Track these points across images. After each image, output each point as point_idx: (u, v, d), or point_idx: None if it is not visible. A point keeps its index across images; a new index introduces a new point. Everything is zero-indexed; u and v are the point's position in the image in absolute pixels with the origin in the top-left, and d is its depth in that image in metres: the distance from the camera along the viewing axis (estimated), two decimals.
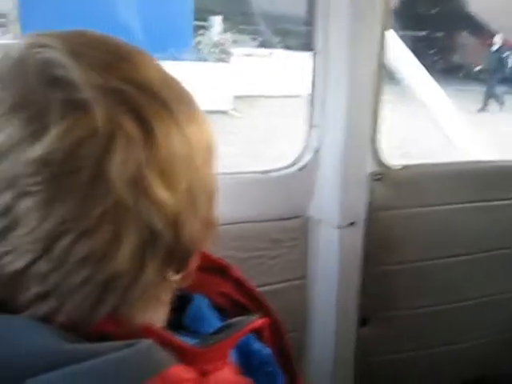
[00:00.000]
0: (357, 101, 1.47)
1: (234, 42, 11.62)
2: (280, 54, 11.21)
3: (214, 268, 0.87)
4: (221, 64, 10.69)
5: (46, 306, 0.56)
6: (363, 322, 1.65)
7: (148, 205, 0.55)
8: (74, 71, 0.54)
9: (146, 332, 0.59)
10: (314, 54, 1.49)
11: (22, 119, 0.52)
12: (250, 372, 0.81)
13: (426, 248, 1.67)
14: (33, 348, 0.53)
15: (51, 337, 0.54)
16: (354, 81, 1.45)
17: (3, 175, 0.53)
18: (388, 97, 1.58)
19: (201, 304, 0.82)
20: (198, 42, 11.33)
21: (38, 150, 0.52)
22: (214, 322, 0.81)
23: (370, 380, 1.71)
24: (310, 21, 1.50)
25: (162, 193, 0.55)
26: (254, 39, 12.23)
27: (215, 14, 11.84)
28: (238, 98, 9.97)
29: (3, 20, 10.91)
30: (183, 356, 0.58)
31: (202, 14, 11.62)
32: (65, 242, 0.53)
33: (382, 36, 1.48)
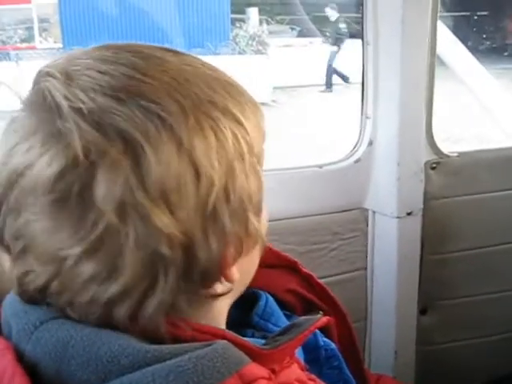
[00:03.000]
0: (410, 89, 1.45)
1: (272, 32, 11.57)
2: (319, 42, 11.10)
3: (282, 265, 0.89)
4: (258, 56, 10.65)
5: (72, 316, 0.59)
6: (423, 310, 1.64)
7: (147, 230, 0.54)
8: (61, 99, 0.55)
9: (216, 336, 0.61)
10: (365, 44, 1.49)
11: (24, 150, 0.55)
12: (316, 366, 0.83)
13: (484, 234, 1.65)
14: (121, 348, 0.56)
15: (134, 340, 0.57)
16: (407, 69, 1.43)
17: (15, 204, 0.57)
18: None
19: (268, 301, 0.84)
20: (236, 35, 11.34)
21: (28, 181, 0.55)
22: (281, 320, 0.83)
23: (432, 369, 1.70)
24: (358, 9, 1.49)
25: (162, 217, 0.54)
26: (293, 29, 12.14)
27: (252, 5, 11.82)
28: (277, 88, 9.95)
29: (46, 24, 11.15)
30: (252, 357, 0.60)
31: (239, 7, 11.61)
32: (67, 265, 0.55)
33: (434, 23, 1.46)
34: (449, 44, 2.03)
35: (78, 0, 10.91)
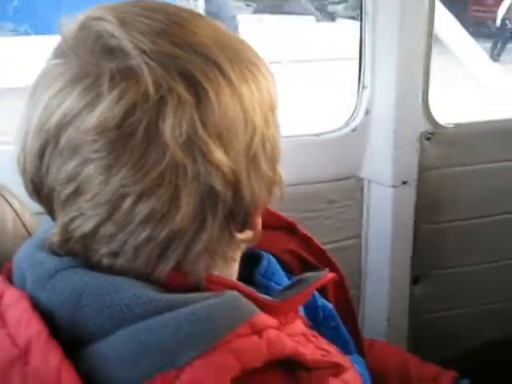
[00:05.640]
0: (408, 60, 1.46)
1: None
2: (271, 19, 10.70)
3: (282, 226, 0.90)
4: None
5: (117, 263, 0.60)
6: (416, 280, 1.66)
7: (205, 166, 0.57)
8: (124, 40, 0.55)
9: (227, 286, 0.62)
10: (363, 14, 1.49)
11: (79, 90, 0.55)
12: (315, 326, 0.84)
13: (477, 206, 1.67)
14: (135, 297, 0.57)
15: (149, 288, 0.58)
16: (405, 40, 1.44)
17: (68, 144, 0.56)
18: None
19: (271, 261, 0.85)
20: None
21: (93, 118, 0.54)
22: (283, 279, 0.84)
23: (423, 337, 1.72)
24: None
25: (219, 154, 0.57)
26: (249, 6, 11.83)
27: None
28: None
29: None
30: (261, 309, 0.61)
31: None
32: (126, 204, 0.56)
33: None
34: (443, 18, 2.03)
35: None
